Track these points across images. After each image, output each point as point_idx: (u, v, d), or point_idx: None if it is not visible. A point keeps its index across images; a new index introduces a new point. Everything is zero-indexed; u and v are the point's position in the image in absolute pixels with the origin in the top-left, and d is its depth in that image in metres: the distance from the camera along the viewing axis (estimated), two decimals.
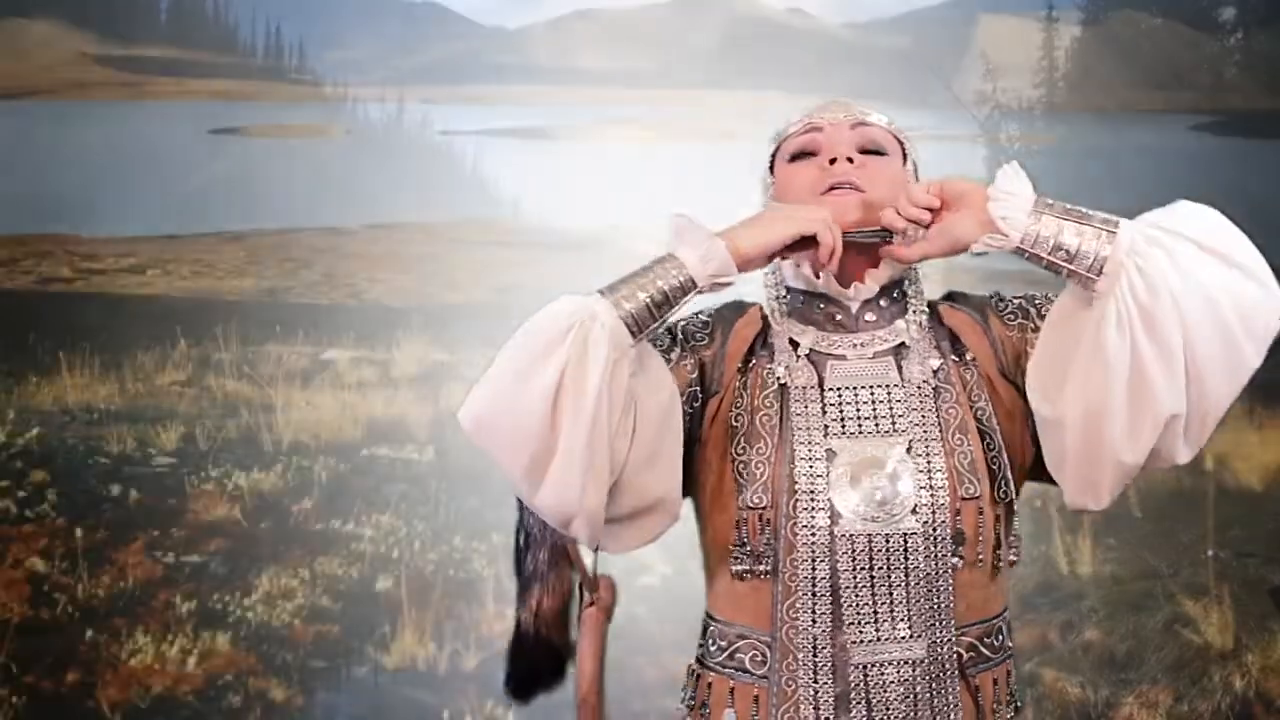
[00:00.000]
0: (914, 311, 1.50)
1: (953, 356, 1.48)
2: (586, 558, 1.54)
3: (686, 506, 1.54)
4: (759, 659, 1.46)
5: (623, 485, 1.40)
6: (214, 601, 4.42)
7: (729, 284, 1.43)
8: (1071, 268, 1.36)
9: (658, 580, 4.66)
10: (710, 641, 1.52)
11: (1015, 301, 1.54)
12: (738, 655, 1.48)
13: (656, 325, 1.40)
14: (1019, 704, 1.55)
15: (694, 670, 1.55)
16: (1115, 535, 5.16)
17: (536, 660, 1.56)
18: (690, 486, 1.51)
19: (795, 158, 1.52)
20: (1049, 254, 1.36)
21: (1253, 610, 4.42)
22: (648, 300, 1.38)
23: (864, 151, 1.50)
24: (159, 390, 8.38)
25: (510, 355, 1.37)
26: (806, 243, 1.44)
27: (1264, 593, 4.57)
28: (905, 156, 1.55)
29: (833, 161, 1.49)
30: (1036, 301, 1.52)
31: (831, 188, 1.47)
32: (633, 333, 1.37)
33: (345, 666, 4.01)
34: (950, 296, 1.57)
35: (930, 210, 1.40)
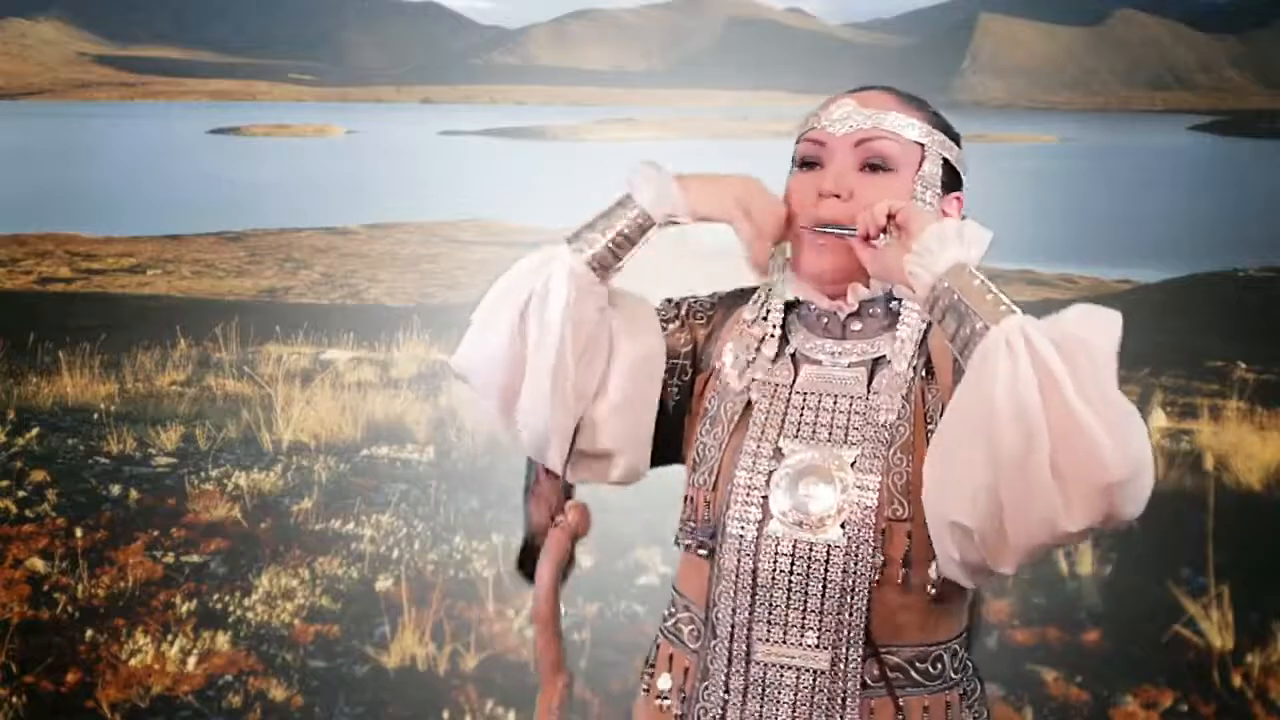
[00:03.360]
0: (905, 326, 1.49)
1: (924, 374, 1.47)
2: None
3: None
4: (695, 633, 1.51)
5: (590, 423, 1.48)
6: (214, 601, 4.42)
7: (683, 223, 1.49)
8: (951, 343, 1.34)
9: (657, 580, 4.67)
10: (669, 606, 1.59)
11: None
12: (680, 625, 1.54)
13: (621, 263, 1.48)
14: None
15: (657, 631, 1.61)
16: (1115, 535, 5.17)
17: (528, 571, 1.62)
18: (673, 456, 1.58)
19: (802, 164, 1.51)
20: (940, 323, 1.34)
21: (1253, 610, 4.42)
22: (608, 242, 1.46)
23: (867, 166, 1.48)
24: (159, 390, 8.41)
25: (487, 299, 1.49)
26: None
27: (1264, 593, 4.57)
28: (922, 162, 1.49)
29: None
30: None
31: (817, 225, 1.47)
32: (596, 270, 1.46)
33: (345, 666, 4.01)
34: None
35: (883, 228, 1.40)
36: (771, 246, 1.48)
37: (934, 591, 1.42)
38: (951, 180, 1.52)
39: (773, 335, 1.52)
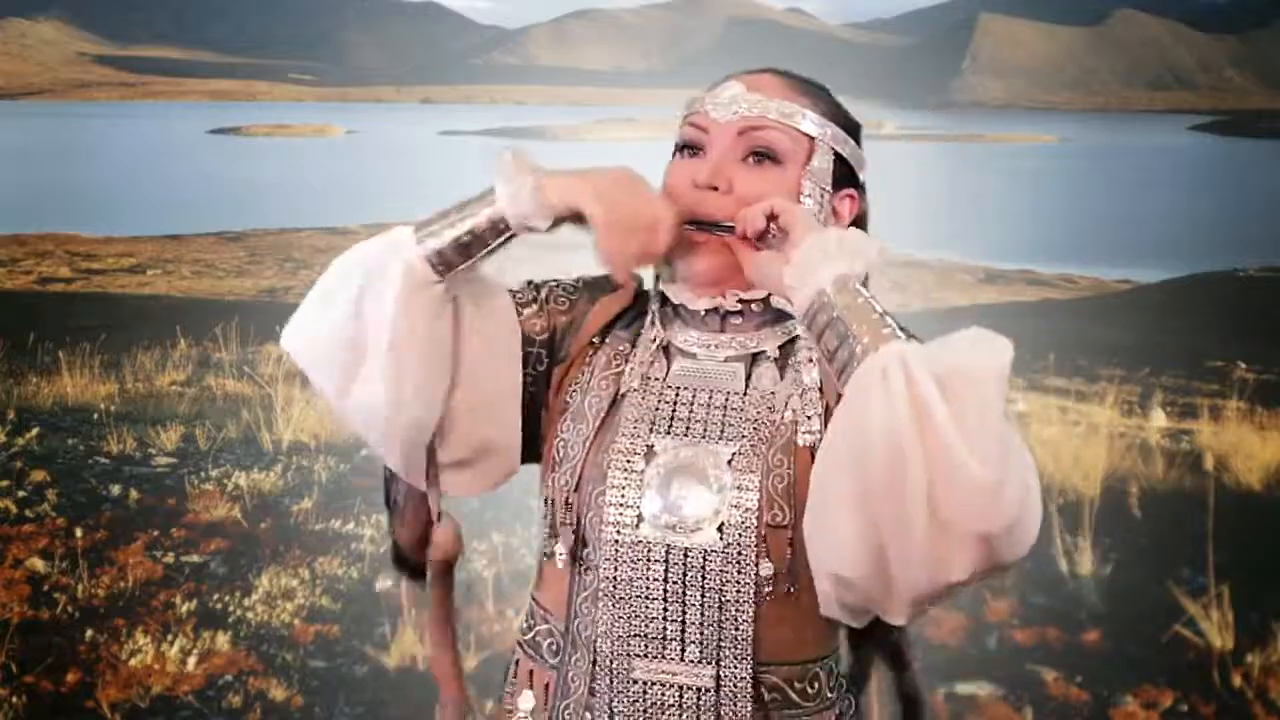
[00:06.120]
0: (788, 325, 1.38)
1: (806, 377, 1.35)
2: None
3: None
4: (554, 647, 1.41)
5: (451, 426, 1.38)
6: (214, 601, 4.42)
7: (541, 231, 1.31)
8: (830, 363, 1.23)
9: None
10: (527, 618, 1.48)
11: None
12: (538, 639, 1.44)
13: (469, 265, 1.32)
14: None
15: (515, 645, 1.51)
16: (1115, 535, 5.17)
17: (409, 572, 1.60)
18: (536, 453, 1.45)
19: (681, 149, 1.38)
20: (819, 341, 1.23)
21: (1253, 610, 4.42)
22: (454, 239, 1.31)
23: (752, 156, 1.35)
24: (159, 390, 8.41)
25: (322, 281, 1.35)
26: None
27: (1264, 593, 4.57)
28: (810, 156, 1.36)
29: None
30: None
31: (692, 221, 1.33)
32: (437, 269, 1.31)
33: (345, 666, 4.01)
34: None
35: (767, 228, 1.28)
36: (637, 261, 1.32)
37: (820, 607, 1.29)
38: (845, 176, 1.39)
39: (652, 339, 1.40)
